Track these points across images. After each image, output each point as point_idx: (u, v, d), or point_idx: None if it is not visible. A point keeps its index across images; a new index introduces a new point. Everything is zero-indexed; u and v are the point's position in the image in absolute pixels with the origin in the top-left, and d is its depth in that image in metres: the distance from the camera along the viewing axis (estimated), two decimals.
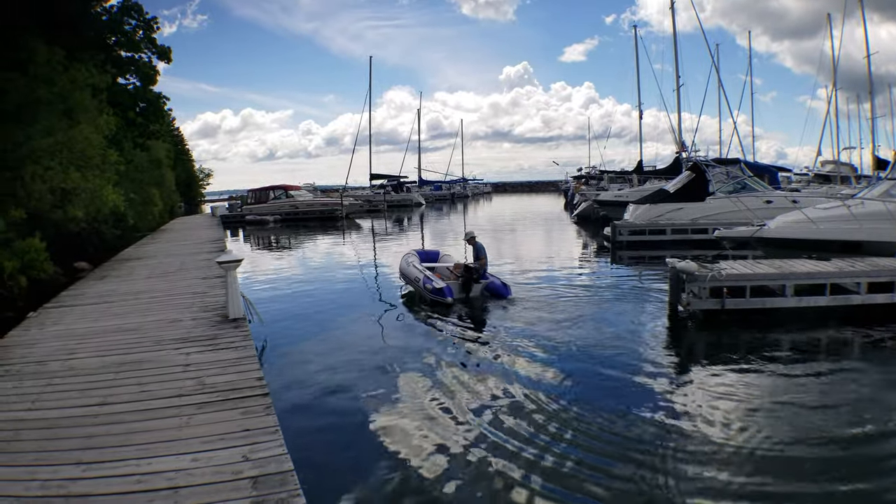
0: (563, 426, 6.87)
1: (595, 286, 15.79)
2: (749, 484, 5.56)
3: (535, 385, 8.21)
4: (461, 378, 8.59)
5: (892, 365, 9.16)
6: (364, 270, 21.63)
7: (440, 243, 15.67)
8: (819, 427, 6.74)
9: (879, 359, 9.39)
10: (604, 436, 6.61)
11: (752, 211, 19.69)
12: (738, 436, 6.56)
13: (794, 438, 6.45)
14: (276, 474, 4.29)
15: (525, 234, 34.54)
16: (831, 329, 10.70)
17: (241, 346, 7.90)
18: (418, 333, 11.34)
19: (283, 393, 7.91)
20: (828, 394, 7.79)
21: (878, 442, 6.41)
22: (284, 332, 11.71)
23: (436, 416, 7.27)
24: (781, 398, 7.64)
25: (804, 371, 8.74)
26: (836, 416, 7.02)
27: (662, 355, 9.64)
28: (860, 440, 6.43)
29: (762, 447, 6.27)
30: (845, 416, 7.01)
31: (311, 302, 15.01)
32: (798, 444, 6.33)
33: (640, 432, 6.67)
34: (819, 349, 10.06)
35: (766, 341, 10.17)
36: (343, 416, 7.42)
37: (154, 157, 38.58)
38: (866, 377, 8.38)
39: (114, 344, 8.35)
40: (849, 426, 6.74)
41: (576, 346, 9.98)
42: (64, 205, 17.14)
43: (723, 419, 6.97)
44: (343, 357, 9.99)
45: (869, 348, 9.78)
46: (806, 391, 7.93)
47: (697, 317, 11.31)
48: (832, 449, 6.24)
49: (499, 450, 6.31)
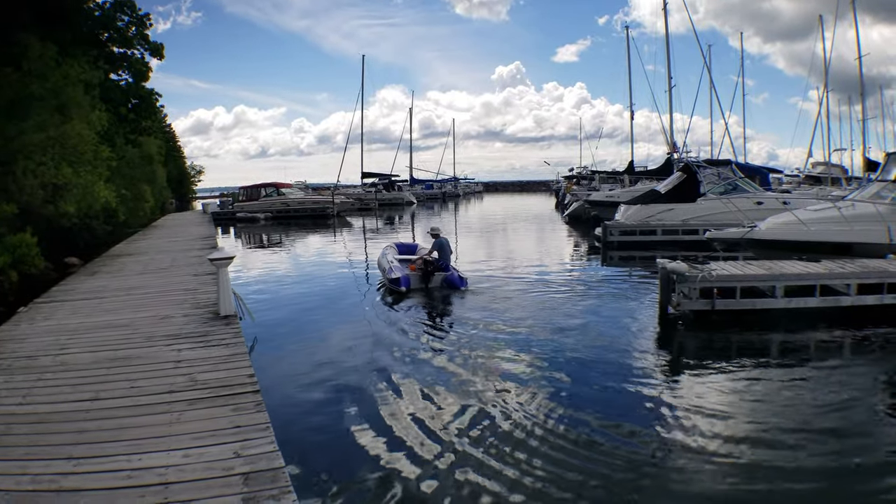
0: (548, 426, 6.91)
1: (585, 286, 15.83)
2: (736, 484, 5.62)
3: (521, 383, 8.25)
4: (448, 376, 8.63)
5: (880, 366, 9.25)
6: (355, 268, 21.63)
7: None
8: (806, 428, 6.80)
9: (868, 360, 9.48)
10: (590, 435, 6.65)
11: (742, 212, 19.75)
12: (726, 435, 6.61)
13: (781, 440, 6.50)
14: (267, 471, 4.31)
15: (515, 233, 34.61)
16: (821, 330, 10.77)
17: (231, 343, 7.91)
18: (407, 329, 11.33)
19: (274, 390, 7.89)
20: (816, 395, 7.84)
21: (863, 442, 6.47)
22: (275, 329, 11.69)
23: (426, 412, 7.30)
24: (770, 398, 7.72)
25: (793, 372, 8.80)
26: (823, 417, 7.08)
27: (652, 355, 9.69)
28: (848, 441, 6.49)
29: (750, 448, 6.32)
30: (833, 418, 7.07)
31: (302, 299, 15.00)
32: (784, 445, 6.39)
33: (627, 433, 6.71)
34: (808, 350, 10.11)
35: (756, 342, 10.26)
36: (334, 413, 7.43)
37: (146, 153, 38.45)
38: (855, 379, 8.45)
39: (105, 339, 8.35)
40: (837, 427, 6.81)
41: (565, 346, 10.02)
42: (55, 200, 17.11)
43: (710, 420, 7.02)
44: (334, 354, 10.02)
45: (858, 349, 9.85)
46: (794, 392, 7.99)
47: (688, 317, 11.36)
48: (820, 449, 6.30)
49: (485, 444, 6.34)
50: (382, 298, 14.29)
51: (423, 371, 8.88)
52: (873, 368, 9.02)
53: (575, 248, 27.25)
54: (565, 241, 30.31)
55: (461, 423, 6.98)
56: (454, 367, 9.07)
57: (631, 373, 8.69)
